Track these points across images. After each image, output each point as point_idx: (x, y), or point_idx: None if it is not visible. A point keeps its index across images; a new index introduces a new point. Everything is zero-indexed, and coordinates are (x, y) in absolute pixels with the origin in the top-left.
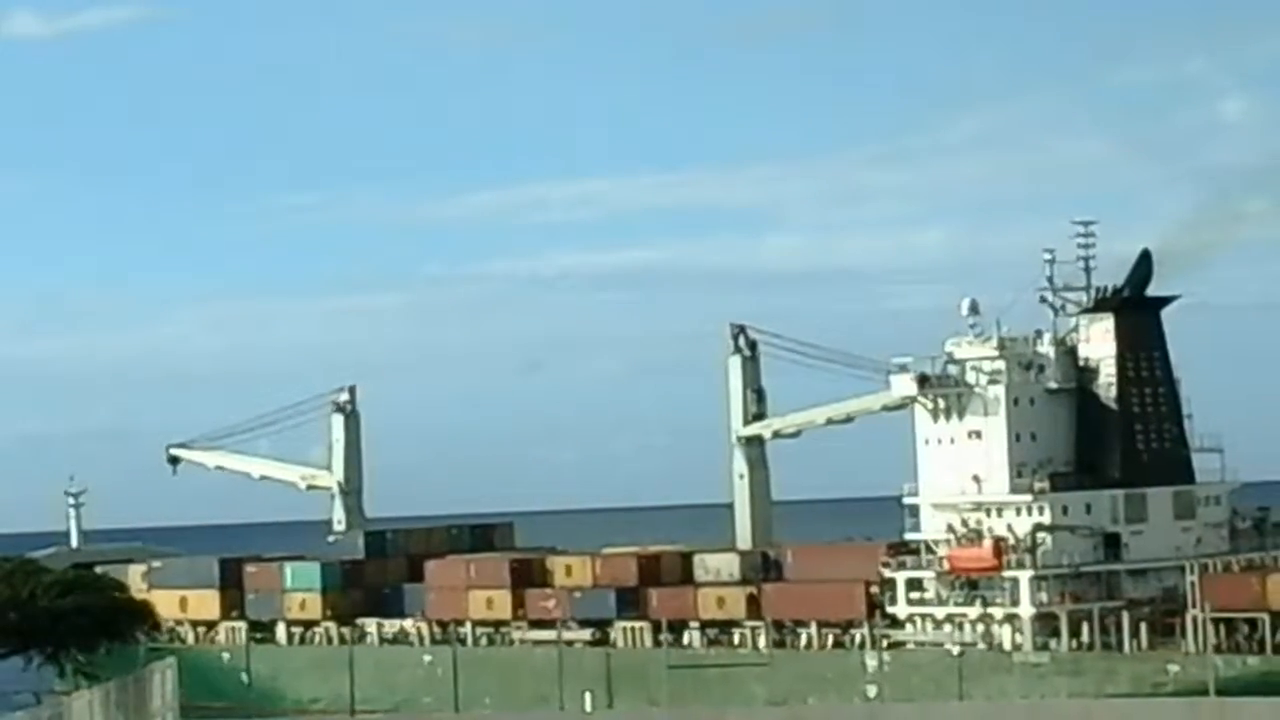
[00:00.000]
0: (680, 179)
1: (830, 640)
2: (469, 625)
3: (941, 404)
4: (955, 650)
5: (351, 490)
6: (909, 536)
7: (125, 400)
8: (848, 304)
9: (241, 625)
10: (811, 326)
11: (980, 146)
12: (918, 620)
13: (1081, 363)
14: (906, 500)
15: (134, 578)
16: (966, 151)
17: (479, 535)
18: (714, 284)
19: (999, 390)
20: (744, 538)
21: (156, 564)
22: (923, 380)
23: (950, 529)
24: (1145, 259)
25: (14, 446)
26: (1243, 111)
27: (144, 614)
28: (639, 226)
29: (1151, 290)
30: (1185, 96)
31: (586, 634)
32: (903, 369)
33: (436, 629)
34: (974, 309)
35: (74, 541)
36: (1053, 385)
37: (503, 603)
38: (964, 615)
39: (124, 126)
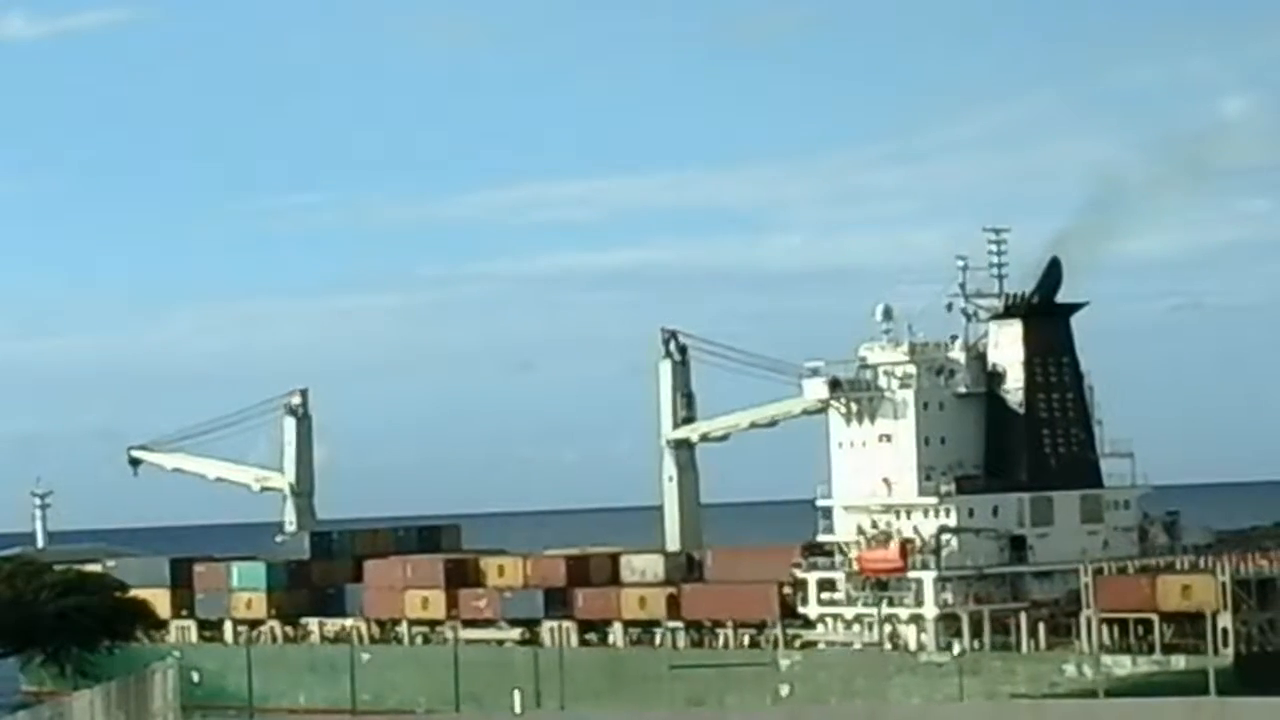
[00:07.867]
0: (680, 179)
1: (746, 640)
2: (405, 624)
3: (854, 408)
4: (955, 651)
5: (303, 492)
6: (822, 538)
7: (122, 401)
8: (847, 303)
9: (191, 624)
10: (812, 326)
11: (980, 146)
12: (829, 620)
13: (991, 368)
14: (820, 502)
15: None
16: (967, 151)
17: (425, 536)
18: (714, 284)
19: (908, 394)
20: (673, 539)
21: (111, 564)
22: (834, 384)
23: (861, 531)
24: (1055, 266)
25: (10, 446)
26: (1245, 111)
27: (146, 614)
28: (639, 226)
29: (1061, 297)
30: (1186, 96)
31: (516, 633)
32: (815, 373)
33: (375, 628)
34: (887, 314)
35: (39, 542)
36: (962, 390)
37: (437, 602)
38: (871, 615)
39: (121, 127)
